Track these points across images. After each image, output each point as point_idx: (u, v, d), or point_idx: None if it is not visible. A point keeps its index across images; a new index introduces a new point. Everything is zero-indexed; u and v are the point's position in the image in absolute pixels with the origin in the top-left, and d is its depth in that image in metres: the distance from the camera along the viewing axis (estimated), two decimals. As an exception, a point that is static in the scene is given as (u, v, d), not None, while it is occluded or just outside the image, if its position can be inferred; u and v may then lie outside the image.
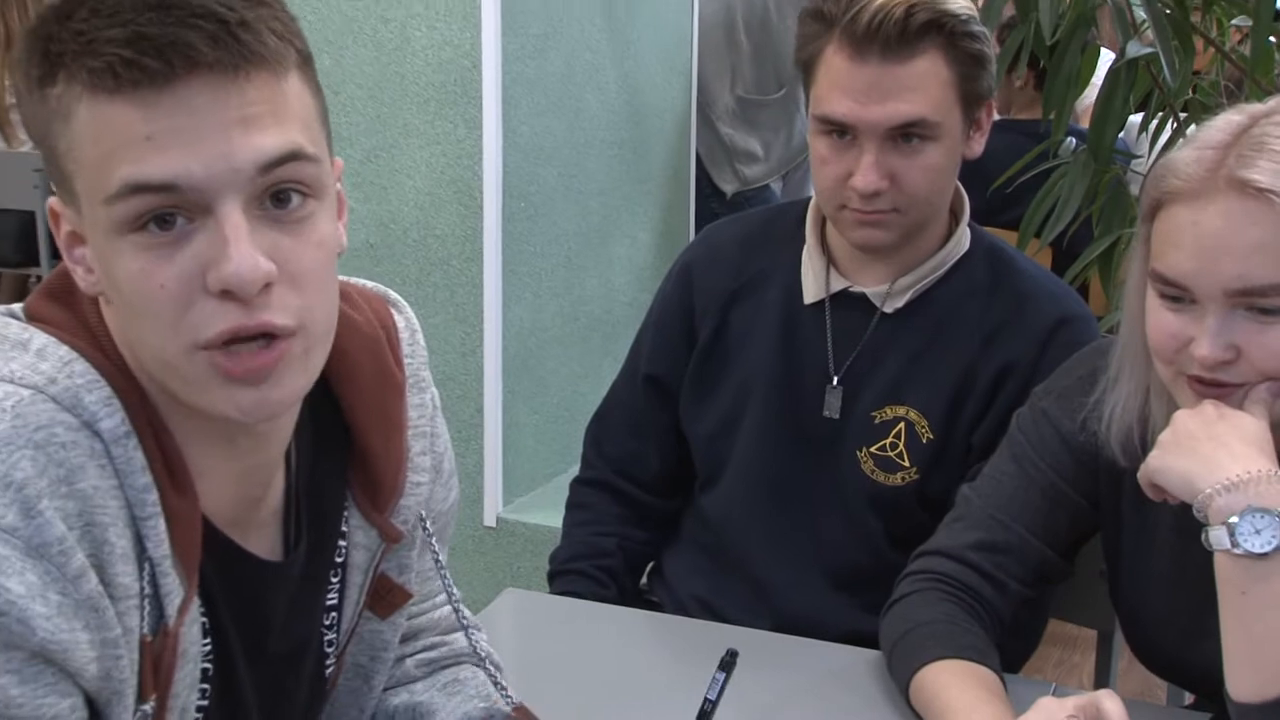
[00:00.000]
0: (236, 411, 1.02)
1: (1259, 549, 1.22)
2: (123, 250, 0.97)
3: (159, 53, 0.94)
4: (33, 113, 1.00)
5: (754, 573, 1.85)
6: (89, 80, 0.95)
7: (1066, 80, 2.44)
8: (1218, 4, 2.48)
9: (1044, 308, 1.78)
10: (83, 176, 0.98)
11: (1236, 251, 1.27)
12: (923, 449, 1.78)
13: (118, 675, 1.02)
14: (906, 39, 1.65)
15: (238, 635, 1.14)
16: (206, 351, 0.99)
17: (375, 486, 1.21)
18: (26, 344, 1.03)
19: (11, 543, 0.95)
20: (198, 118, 0.95)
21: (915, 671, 1.46)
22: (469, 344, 3.04)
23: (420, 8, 2.92)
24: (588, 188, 3.26)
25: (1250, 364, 1.29)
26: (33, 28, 1.00)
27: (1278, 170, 1.25)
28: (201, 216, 0.97)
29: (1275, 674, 1.23)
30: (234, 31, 0.96)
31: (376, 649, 1.30)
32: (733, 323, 1.89)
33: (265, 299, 0.98)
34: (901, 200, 1.71)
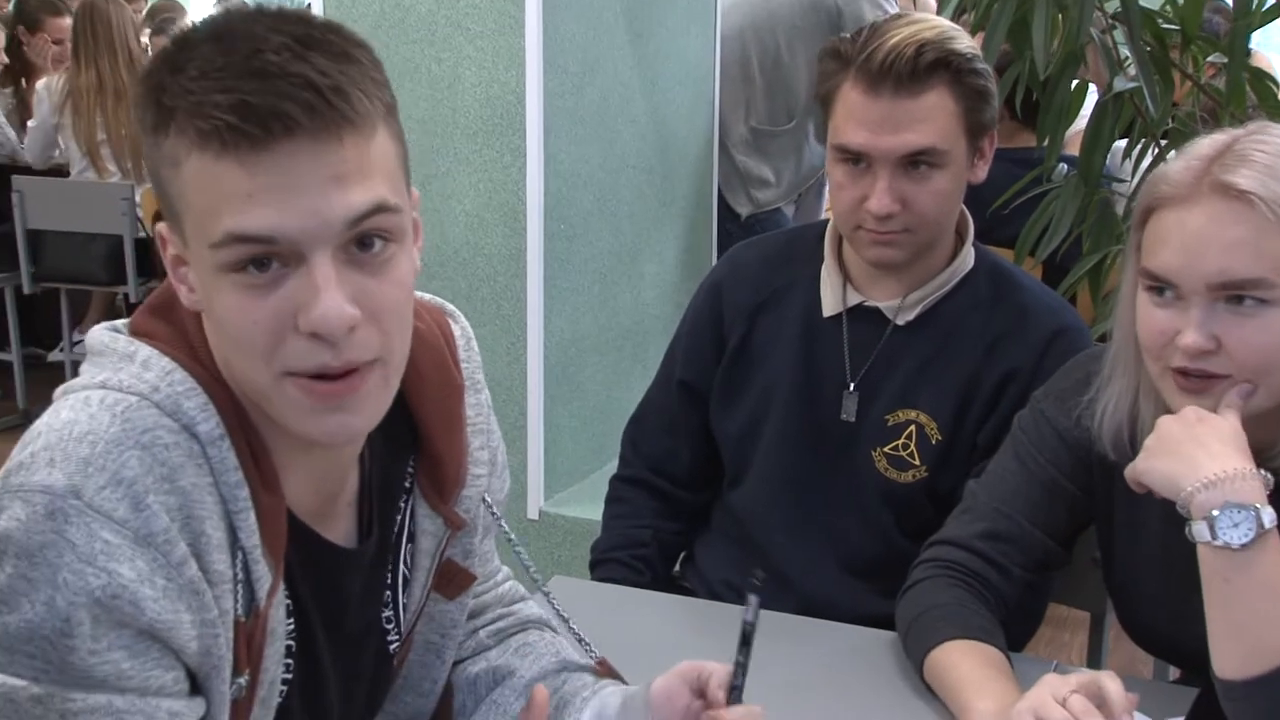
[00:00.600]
0: (322, 436, 1.04)
1: (1237, 541, 1.22)
2: (223, 287, 0.99)
3: (260, 120, 0.95)
4: (148, 153, 1.02)
5: (777, 561, 1.85)
6: (198, 139, 0.96)
7: (1058, 112, 2.44)
8: (1195, 43, 2.47)
9: (1042, 320, 1.78)
10: (190, 218, 0.99)
11: (1219, 247, 1.28)
12: (932, 449, 1.78)
13: (216, 652, 1.03)
14: (917, 75, 1.66)
15: (318, 615, 1.15)
16: (294, 379, 1.00)
17: (440, 479, 1.22)
18: (133, 356, 1.05)
19: (123, 533, 0.97)
20: (293, 177, 0.96)
21: (929, 650, 1.47)
22: (514, 352, 3.04)
23: (471, 50, 2.93)
24: (620, 210, 3.26)
25: (1230, 355, 1.30)
26: (147, 73, 1.01)
27: (1257, 177, 1.27)
28: (295, 263, 0.98)
29: (1257, 653, 1.23)
30: (328, 98, 0.96)
31: (446, 627, 1.30)
32: (757, 333, 1.90)
33: (350, 338, 0.99)
34: (912, 221, 1.71)
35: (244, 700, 1.08)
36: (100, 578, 0.95)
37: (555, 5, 2.90)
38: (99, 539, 0.96)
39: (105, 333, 1.09)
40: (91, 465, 0.97)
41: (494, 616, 1.41)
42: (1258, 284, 1.28)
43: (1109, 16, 2.43)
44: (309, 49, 0.97)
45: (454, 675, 1.36)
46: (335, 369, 1.00)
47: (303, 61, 0.96)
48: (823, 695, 1.48)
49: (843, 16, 3.70)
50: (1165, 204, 1.33)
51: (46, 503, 0.96)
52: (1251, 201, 1.26)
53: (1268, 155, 1.29)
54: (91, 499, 0.96)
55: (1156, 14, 2.45)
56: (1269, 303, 1.28)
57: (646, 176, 3.35)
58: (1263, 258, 1.27)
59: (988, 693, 1.37)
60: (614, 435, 2.09)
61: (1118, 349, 1.46)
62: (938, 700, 1.44)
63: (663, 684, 1.22)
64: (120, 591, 0.96)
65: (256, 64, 0.95)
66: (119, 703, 0.98)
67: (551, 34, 2.90)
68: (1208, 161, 1.31)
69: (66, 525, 0.95)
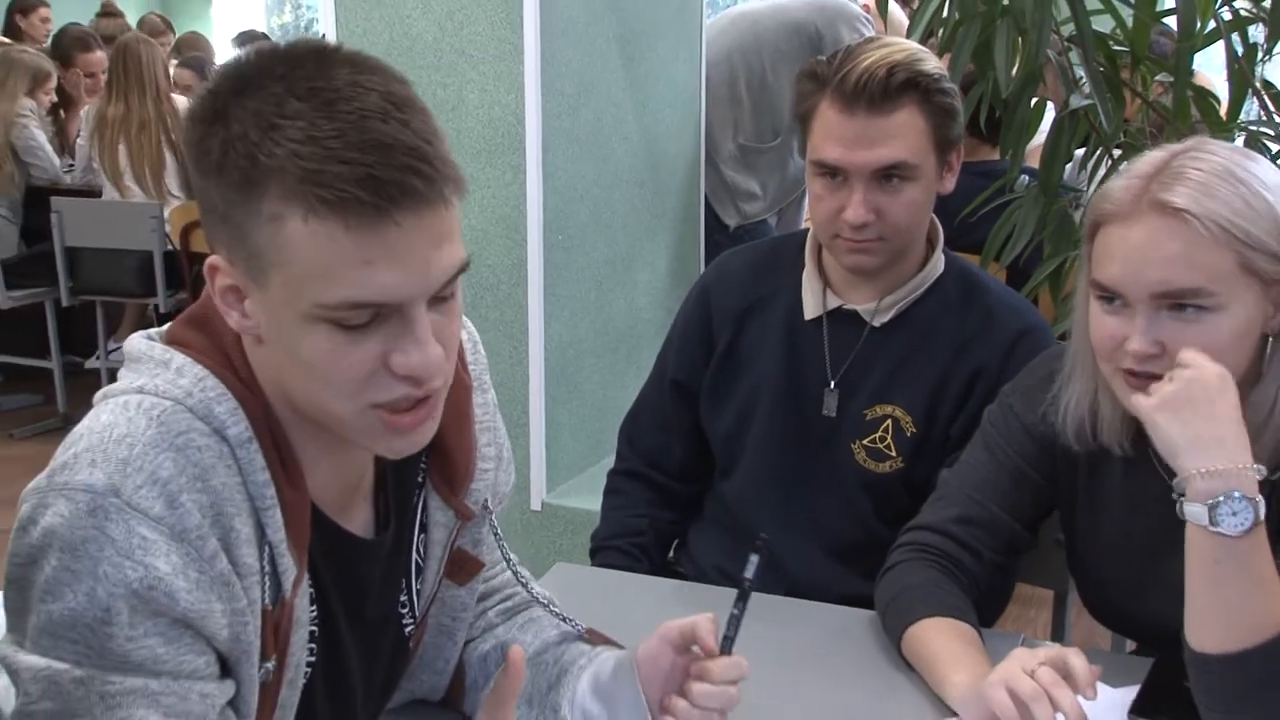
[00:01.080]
0: (390, 453, 1.07)
1: (1235, 530, 1.22)
2: (315, 332, 0.98)
3: (386, 194, 0.94)
4: (223, 199, 0.98)
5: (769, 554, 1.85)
6: (315, 205, 0.94)
7: (1019, 128, 2.43)
8: (1143, 63, 2.46)
9: (1008, 321, 1.79)
10: (285, 273, 0.97)
11: (1158, 260, 1.29)
12: (907, 441, 1.78)
13: (245, 639, 1.04)
14: (889, 95, 1.66)
15: (340, 602, 1.16)
16: (377, 410, 1.01)
17: (451, 473, 1.22)
18: (168, 363, 1.05)
19: (159, 529, 0.97)
20: (407, 242, 0.96)
21: (906, 628, 1.47)
22: (516, 355, 3.04)
23: (474, 75, 2.93)
24: (614, 222, 3.26)
25: (1173, 359, 1.30)
26: (212, 111, 0.98)
27: (1191, 194, 1.27)
28: (392, 312, 0.98)
29: (1235, 631, 1.23)
30: (437, 166, 0.96)
31: (457, 610, 1.31)
32: (744, 337, 1.89)
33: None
34: (886, 230, 1.72)
35: (272, 683, 1.08)
36: (138, 570, 0.96)
37: (552, 32, 2.90)
38: (137, 534, 0.96)
39: (142, 340, 1.08)
40: (130, 466, 0.97)
41: (502, 597, 1.41)
42: (1196, 293, 1.29)
43: (1065, 39, 2.43)
44: (404, 111, 0.96)
45: (465, 653, 1.37)
46: (418, 397, 1.02)
47: (407, 128, 0.95)
48: (808, 670, 1.48)
49: (823, 40, 3.70)
50: (1109, 220, 1.34)
51: (88, 500, 0.96)
52: (1186, 219, 1.27)
53: (1202, 173, 1.29)
54: (130, 497, 0.96)
55: (1108, 37, 2.44)
56: (1208, 309, 1.29)
57: (638, 191, 3.35)
58: (1198, 269, 1.28)
59: (961, 665, 1.37)
60: (611, 431, 2.09)
61: (1076, 350, 1.46)
62: (915, 673, 1.44)
63: (645, 647, 1.22)
64: (156, 583, 0.96)
65: (371, 135, 0.94)
66: (154, 685, 0.98)
67: (549, 59, 2.90)
68: (1146, 180, 1.32)
69: (107, 522, 0.95)
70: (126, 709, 0.97)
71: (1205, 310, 1.29)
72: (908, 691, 1.42)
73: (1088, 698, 1.23)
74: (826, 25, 3.75)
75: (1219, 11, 2.34)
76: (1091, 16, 2.33)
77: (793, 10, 3.85)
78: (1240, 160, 1.31)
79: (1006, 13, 2.31)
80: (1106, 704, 1.26)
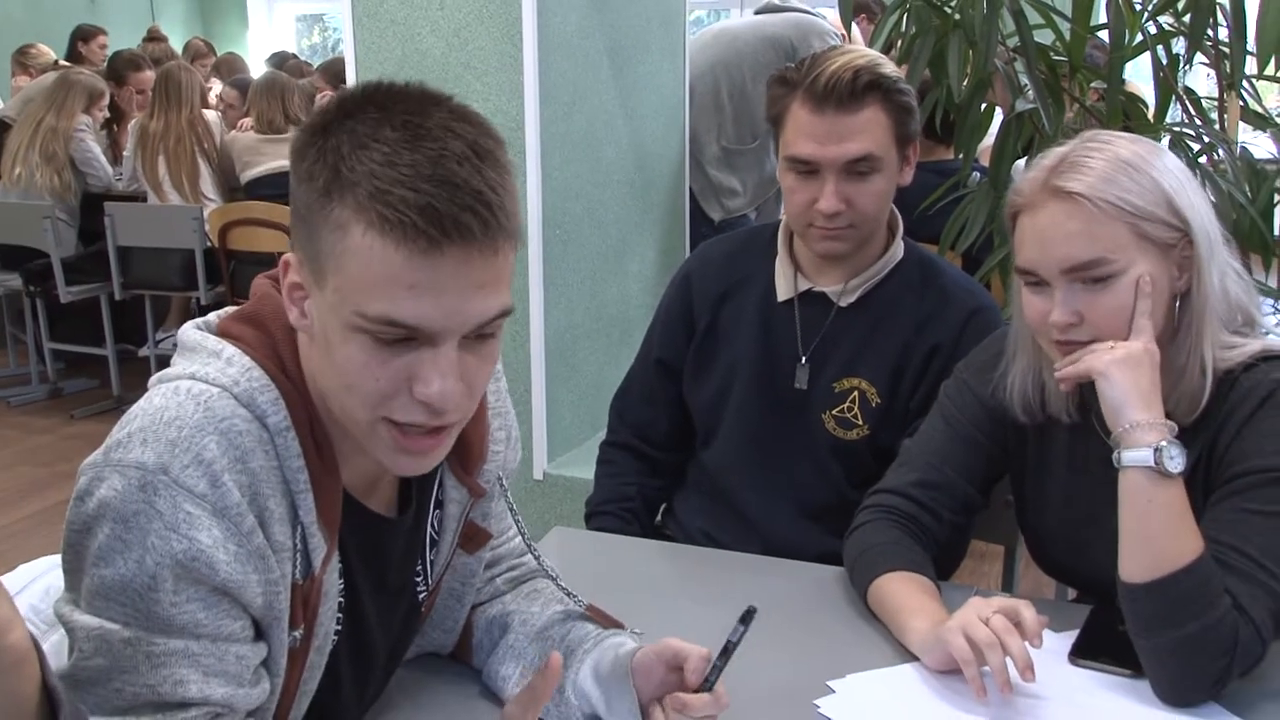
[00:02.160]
0: (395, 469, 1.04)
1: (1175, 470, 1.25)
2: (351, 341, 0.96)
3: (441, 226, 0.91)
4: (308, 202, 0.96)
5: (744, 510, 1.83)
6: (376, 221, 0.91)
7: (971, 129, 2.42)
8: (1080, 72, 2.47)
9: (962, 301, 1.77)
10: (341, 279, 0.95)
11: (1061, 239, 1.31)
12: (873, 411, 1.76)
13: (278, 607, 1.03)
14: (855, 94, 1.65)
15: (365, 576, 1.14)
16: (388, 424, 0.99)
17: (466, 455, 1.20)
18: (219, 353, 1.03)
19: (203, 506, 0.96)
20: (451, 278, 0.93)
21: (871, 581, 1.45)
22: (519, 340, 3.01)
23: (478, 85, 2.90)
24: (606, 218, 3.23)
25: (1091, 324, 1.32)
26: (319, 127, 0.96)
27: (1084, 179, 1.30)
28: (424, 340, 0.95)
29: (1159, 561, 1.24)
30: (497, 214, 0.93)
31: (466, 577, 1.29)
32: (722, 318, 1.87)
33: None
34: (855, 218, 1.70)
35: (299, 649, 1.07)
36: (182, 543, 0.95)
37: (549, 46, 2.87)
38: (182, 510, 0.95)
39: (195, 331, 1.07)
40: (178, 447, 0.96)
41: (508, 566, 1.38)
42: (1098, 263, 1.30)
43: (1011, 50, 2.42)
44: (483, 160, 0.93)
45: (473, 616, 1.34)
46: (430, 427, 0.99)
47: (479, 175, 0.92)
48: (784, 621, 1.46)
49: (797, 53, 3.68)
50: (1021, 210, 1.36)
51: (139, 477, 0.95)
52: (1079, 200, 1.29)
53: (1093, 160, 1.32)
54: (177, 476, 0.95)
55: (1049, 48, 2.46)
56: (1112, 276, 1.30)
57: (628, 189, 3.32)
58: (1096, 242, 1.29)
59: (921, 614, 1.36)
60: (605, 407, 2.06)
61: (1017, 331, 1.46)
62: (879, 622, 1.42)
63: (643, 658, 1.18)
64: (198, 555, 0.95)
65: (443, 172, 0.91)
66: (195, 647, 0.97)
67: (545, 71, 2.87)
68: (1047, 172, 1.34)
69: (155, 497, 0.95)
70: (170, 668, 0.97)
71: (1110, 278, 1.30)
72: (873, 639, 1.40)
73: (1034, 646, 1.23)
74: (800, 40, 3.73)
75: (1145, 26, 2.36)
76: (1034, 30, 2.36)
77: (769, 26, 3.84)
78: (1128, 145, 1.33)
79: (958, 27, 2.32)
80: (1049, 648, 1.26)
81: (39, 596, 1.22)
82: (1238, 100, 2.38)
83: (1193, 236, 1.31)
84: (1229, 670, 1.22)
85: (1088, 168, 1.31)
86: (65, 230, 5.13)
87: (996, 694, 1.22)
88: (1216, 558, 1.24)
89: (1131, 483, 1.26)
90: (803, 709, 1.25)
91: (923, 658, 1.32)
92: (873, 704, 1.26)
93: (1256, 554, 1.24)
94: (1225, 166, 2.30)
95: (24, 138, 5.27)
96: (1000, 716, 1.22)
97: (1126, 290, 1.30)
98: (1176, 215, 1.31)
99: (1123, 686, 1.28)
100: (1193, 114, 2.46)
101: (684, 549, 1.80)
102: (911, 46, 2.36)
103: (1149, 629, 1.24)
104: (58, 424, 5.00)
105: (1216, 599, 1.22)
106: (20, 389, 5.42)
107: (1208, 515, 1.29)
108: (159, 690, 0.96)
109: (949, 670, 1.28)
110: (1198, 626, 1.21)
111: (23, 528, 3.91)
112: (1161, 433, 1.26)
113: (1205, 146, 2.37)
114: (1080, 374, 1.31)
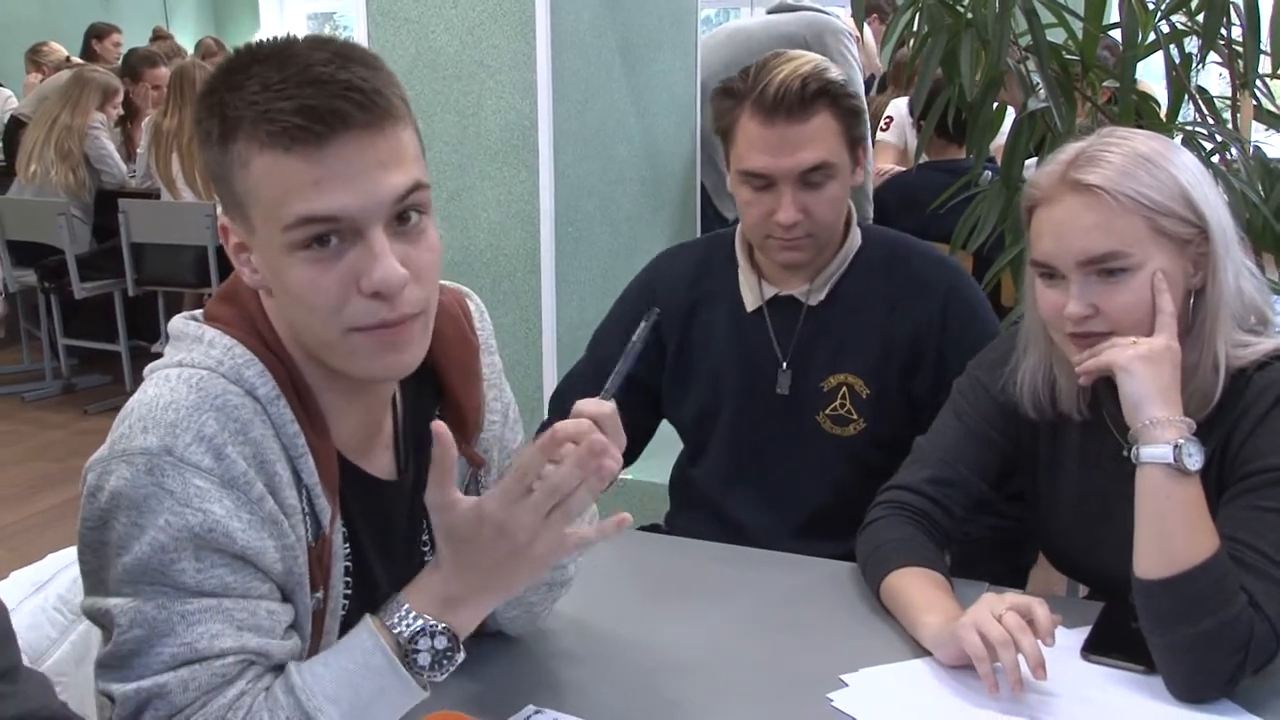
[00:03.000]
0: (381, 372, 1.06)
1: (1193, 467, 1.24)
2: (293, 264, 0.99)
3: (321, 119, 0.96)
4: (214, 160, 1.01)
5: (743, 526, 1.80)
6: (267, 140, 0.96)
7: (983, 128, 2.41)
8: (1092, 71, 2.46)
9: (935, 280, 1.76)
10: (259, 208, 0.99)
11: (1078, 231, 1.31)
12: (864, 403, 1.74)
13: (297, 571, 1.06)
14: (804, 104, 1.63)
15: (370, 540, 1.17)
16: (359, 332, 1.01)
17: (462, 424, 1.22)
18: (201, 337, 1.07)
19: (210, 479, 0.99)
20: (351, 165, 0.97)
21: (884, 577, 1.45)
22: (531, 336, 3.02)
23: (491, 84, 2.90)
24: (618, 215, 3.24)
25: (1106, 317, 1.32)
26: (204, 93, 1.01)
27: (1102, 173, 1.30)
28: (353, 237, 0.99)
29: (1176, 557, 1.23)
30: (371, 98, 0.98)
31: None
32: (694, 333, 1.83)
33: (401, 295, 1.01)
34: (813, 227, 1.68)
35: (320, 611, 1.10)
36: (197, 515, 0.98)
37: (561, 45, 2.87)
38: (192, 485, 0.98)
39: (180, 320, 1.11)
40: (178, 428, 0.99)
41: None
42: (1114, 256, 1.30)
43: (1023, 49, 2.41)
44: (349, 61, 0.99)
45: None
46: (393, 320, 1.01)
47: (346, 71, 0.97)
48: (797, 615, 1.46)
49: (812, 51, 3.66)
50: (1038, 204, 1.36)
51: (146, 462, 0.98)
52: (1098, 193, 1.29)
53: (1111, 154, 1.32)
54: (182, 454, 0.98)
55: (1061, 47, 2.44)
56: (1128, 270, 1.30)
57: (640, 187, 3.32)
58: (1113, 235, 1.29)
59: (934, 610, 1.35)
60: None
61: (1029, 328, 1.46)
62: (892, 617, 1.42)
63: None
64: (215, 525, 0.98)
65: (310, 75, 0.96)
66: (227, 603, 1.01)
67: (558, 69, 2.88)
68: (1065, 165, 1.33)
69: (164, 478, 0.97)
70: (205, 624, 0.99)
71: (1126, 271, 1.30)
72: (885, 633, 1.40)
73: (1047, 644, 1.23)
74: (814, 38, 3.72)
75: (1158, 25, 2.35)
76: (1046, 29, 2.34)
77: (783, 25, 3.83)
78: (1146, 141, 1.33)
79: (970, 25, 2.31)
80: (1061, 643, 1.26)
81: (66, 586, 1.25)
82: (1251, 99, 2.37)
83: (1209, 233, 1.31)
84: (1243, 667, 1.21)
85: (1106, 162, 1.31)
86: (79, 227, 5.16)
87: (1009, 689, 1.22)
88: (1231, 554, 1.24)
89: (1149, 479, 1.26)
90: (816, 702, 1.25)
91: (936, 653, 1.32)
92: (885, 698, 1.26)
93: (1271, 551, 1.24)
94: (1238, 166, 2.29)
95: (39, 135, 5.29)
96: (1012, 711, 1.22)
97: (1143, 285, 1.30)
98: (1193, 211, 1.31)
99: (1135, 682, 1.28)
100: (1205, 113, 2.45)
101: (693, 544, 1.79)
102: (924, 45, 2.35)
103: (1164, 625, 1.24)
104: (71, 419, 5.02)
105: (1232, 596, 1.21)
106: (34, 384, 5.44)
107: (1222, 513, 1.29)
108: (195, 647, 0.99)
109: (961, 665, 1.27)
110: (1213, 623, 1.21)
111: (37, 522, 3.93)
112: (1180, 430, 1.25)
113: (1218, 146, 2.36)
114: (1101, 366, 1.31)
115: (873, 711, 1.23)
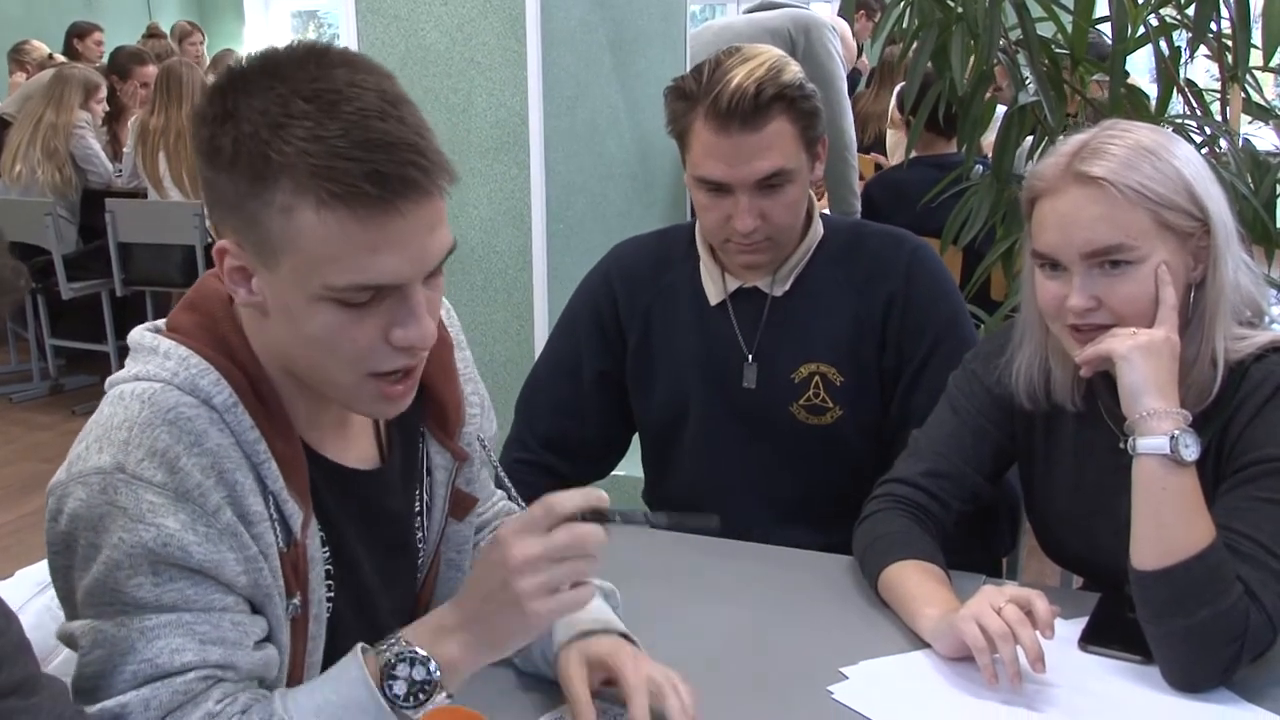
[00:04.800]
0: (377, 415, 1.10)
1: (1190, 459, 1.25)
2: (322, 310, 0.99)
3: (391, 188, 0.94)
4: (230, 188, 0.98)
5: (726, 520, 1.78)
6: (326, 198, 0.94)
7: (974, 122, 2.42)
8: (1082, 64, 2.47)
9: (895, 248, 1.75)
10: (296, 258, 0.97)
11: (1083, 223, 1.31)
12: (839, 390, 1.72)
13: (263, 583, 1.05)
14: (760, 110, 1.59)
15: (355, 536, 1.16)
16: (375, 379, 1.03)
17: (444, 419, 1.24)
18: (156, 349, 1.06)
19: (163, 493, 0.98)
20: (407, 230, 0.96)
21: (881, 570, 1.45)
22: (522, 334, 3.01)
23: (482, 81, 2.89)
24: (609, 212, 3.23)
25: (1109, 309, 1.32)
26: (239, 128, 0.96)
27: (1107, 165, 1.30)
28: (391, 291, 0.99)
29: (1172, 547, 1.24)
30: (431, 159, 0.97)
31: (460, 544, 1.31)
32: (655, 329, 1.81)
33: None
34: (772, 231, 1.67)
35: (300, 618, 1.09)
36: (150, 531, 0.97)
37: (552, 41, 2.87)
38: (145, 501, 0.98)
39: (138, 332, 1.10)
40: (130, 444, 0.99)
41: (494, 527, 1.41)
42: (1119, 249, 1.30)
43: (1013, 43, 2.41)
44: (397, 107, 0.97)
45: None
46: (414, 368, 1.04)
47: (403, 124, 0.96)
48: (797, 609, 1.47)
49: (797, 45, 3.67)
50: (1041, 195, 1.36)
51: (99, 481, 0.98)
52: (1103, 186, 1.30)
53: (1116, 147, 1.32)
54: (134, 470, 0.98)
55: (1051, 41, 2.45)
56: (1132, 263, 1.31)
57: (631, 184, 3.32)
58: (1118, 227, 1.30)
59: (933, 602, 1.36)
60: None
61: (1025, 319, 1.46)
62: (891, 610, 1.43)
63: (573, 669, 1.19)
64: (169, 539, 0.98)
65: (373, 134, 0.94)
66: (187, 617, 1.00)
67: (549, 66, 2.87)
68: (1069, 157, 1.34)
69: (117, 495, 0.97)
70: (165, 638, 0.99)
71: (1130, 264, 1.30)
72: (884, 626, 1.41)
73: (1046, 637, 1.23)
74: (800, 32, 3.73)
75: (1148, 19, 2.35)
76: (1036, 22, 2.35)
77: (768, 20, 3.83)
78: (1150, 134, 1.34)
79: (960, 20, 2.32)
80: (1059, 634, 1.26)
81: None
82: (1240, 92, 2.38)
83: (1211, 226, 1.32)
84: (1239, 656, 1.22)
85: (1110, 154, 1.31)
86: (66, 227, 5.13)
87: (1007, 681, 1.22)
88: (1227, 544, 1.25)
89: (1146, 470, 1.27)
90: (817, 695, 1.25)
91: (935, 645, 1.33)
92: (886, 689, 1.27)
93: (1267, 541, 1.25)
94: (1228, 158, 2.30)
95: (24, 135, 5.27)
96: (1011, 701, 1.23)
97: (1146, 277, 1.30)
98: (1196, 204, 1.31)
99: (1132, 672, 1.29)
100: (1194, 106, 2.46)
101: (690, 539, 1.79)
102: (914, 40, 2.36)
103: (1160, 615, 1.24)
104: (59, 420, 5.01)
105: (1228, 586, 1.22)
106: (22, 385, 5.43)
107: (1218, 503, 1.30)
108: (156, 663, 0.98)
109: (961, 657, 1.28)
110: (1209, 613, 1.21)
111: (25, 524, 3.92)
112: (1177, 421, 1.26)
113: (1208, 138, 2.37)
114: (1101, 355, 1.31)
115: (873, 703, 1.23)
